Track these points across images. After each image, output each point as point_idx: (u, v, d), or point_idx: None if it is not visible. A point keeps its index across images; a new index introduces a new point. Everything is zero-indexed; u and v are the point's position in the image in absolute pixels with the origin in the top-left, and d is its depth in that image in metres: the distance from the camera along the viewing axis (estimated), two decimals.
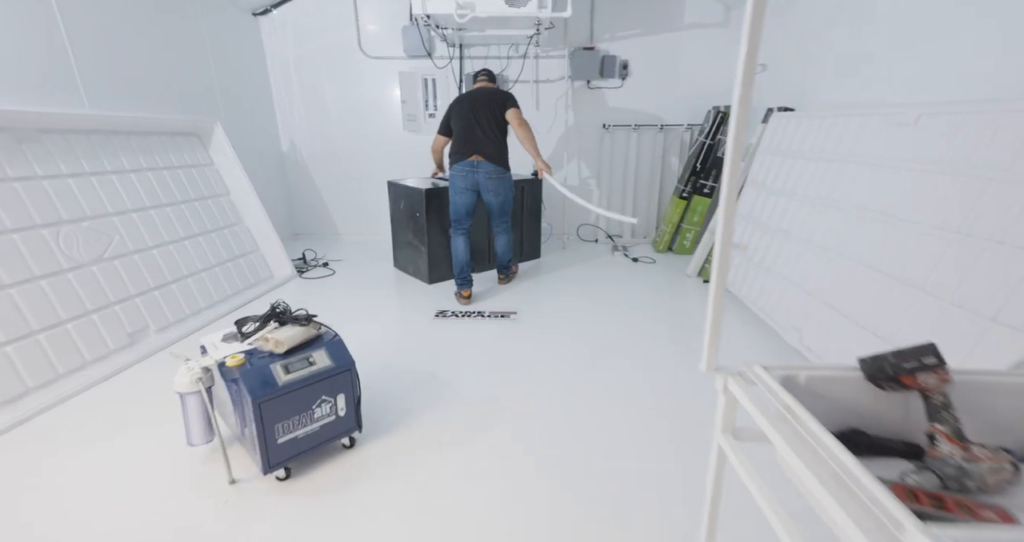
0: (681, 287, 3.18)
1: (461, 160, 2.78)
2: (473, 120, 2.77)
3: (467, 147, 2.77)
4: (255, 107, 3.90)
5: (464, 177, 2.78)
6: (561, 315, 2.72)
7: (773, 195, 2.64)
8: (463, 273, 2.89)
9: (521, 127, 2.73)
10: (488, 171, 2.77)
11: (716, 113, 3.63)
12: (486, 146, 2.76)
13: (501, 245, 3.07)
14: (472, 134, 2.77)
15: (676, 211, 3.87)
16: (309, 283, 3.28)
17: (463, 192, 2.81)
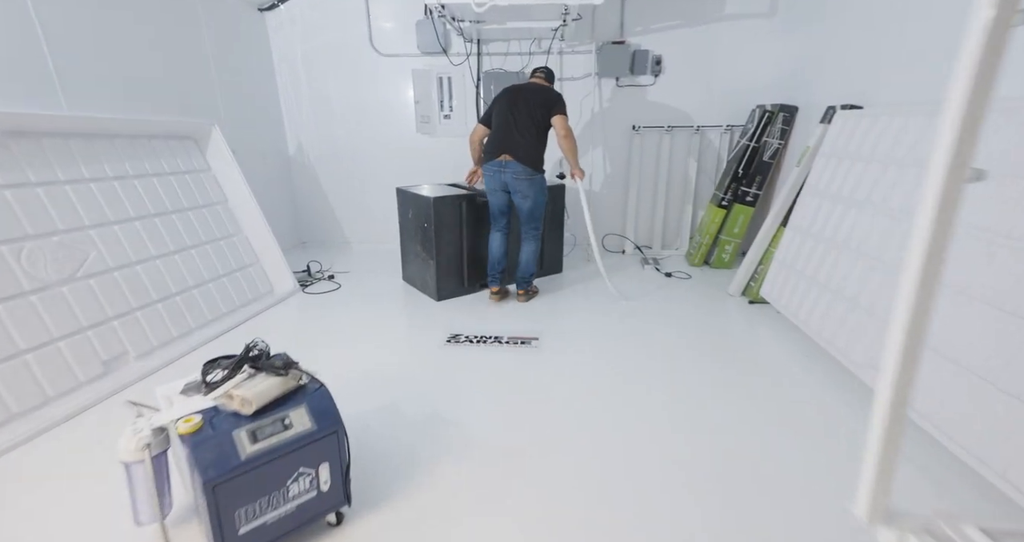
0: (724, 308, 2.82)
1: (491, 159, 2.67)
2: (511, 117, 2.63)
3: (498, 146, 2.65)
4: (260, 108, 3.68)
5: (493, 177, 2.69)
6: (589, 342, 2.39)
7: (840, 205, 2.27)
8: (494, 269, 2.86)
9: (567, 138, 2.61)
10: (516, 172, 2.61)
11: (762, 113, 3.26)
12: (518, 146, 2.61)
13: (525, 254, 2.82)
14: (506, 133, 2.64)
15: (714, 221, 3.50)
16: (311, 299, 3.02)
17: (494, 192, 2.74)
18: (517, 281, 2.90)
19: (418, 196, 2.84)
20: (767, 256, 2.84)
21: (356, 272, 3.57)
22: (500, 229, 2.87)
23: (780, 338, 2.41)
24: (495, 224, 2.86)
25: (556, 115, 2.58)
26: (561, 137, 2.59)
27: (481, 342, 2.37)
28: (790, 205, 2.75)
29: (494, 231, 2.87)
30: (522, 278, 2.88)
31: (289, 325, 2.64)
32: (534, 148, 2.63)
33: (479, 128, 2.82)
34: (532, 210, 2.72)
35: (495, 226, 2.87)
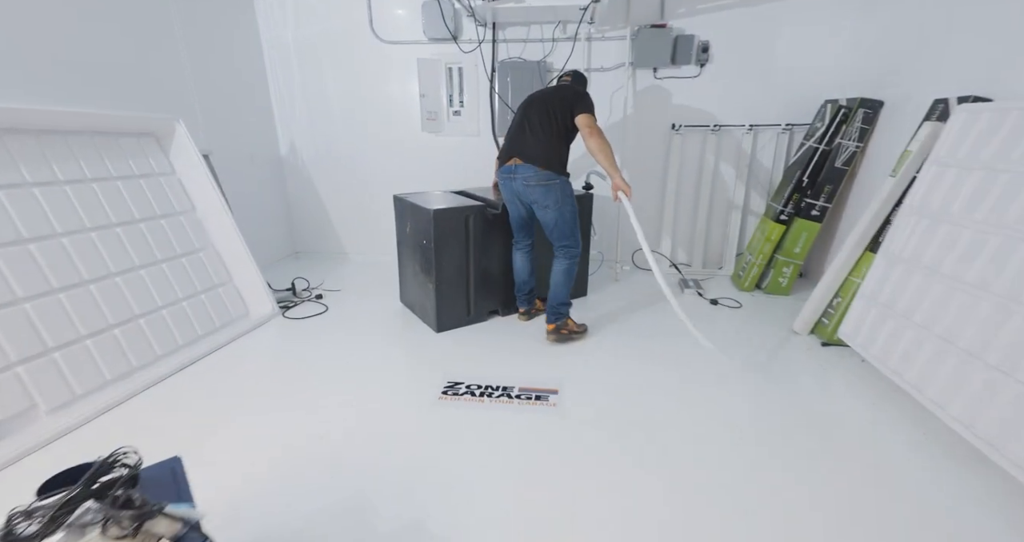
0: (790, 352, 2.26)
1: (501, 165, 2.30)
2: (523, 117, 2.26)
3: (508, 149, 2.28)
4: (246, 103, 3.26)
5: (504, 185, 2.30)
6: (622, 398, 1.87)
7: (958, 227, 1.70)
8: (521, 290, 2.54)
9: (592, 136, 2.09)
10: (526, 176, 2.17)
11: (835, 109, 2.68)
12: (529, 146, 2.19)
13: (554, 275, 2.31)
14: (517, 134, 2.26)
15: (770, 238, 2.93)
16: (291, 326, 2.57)
17: (509, 203, 2.36)
18: (547, 312, 2.35)
19: (417, 207, 2.37)
20: (846, 287, 2.27)
21: (349, 291, 3.11)
22: (521, 248, 2.46)
23: (869, 394, 1.85)
24: (516, 241, 2.47)
25: (579, 114, 2.12)
26: (587, 135, 2.10)
27: (485, 395, 1.87)
28: (880, 225, 2.17)
29: (515, 250, 2.49)
30: (551, 308, 2.32)
31: (251, 365, 2.19)
32: (547, 145, 2.16)
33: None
34: (556, 223, 2.21)
35: (516, 244, 2.48)
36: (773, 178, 3.22)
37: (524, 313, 2.57)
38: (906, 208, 1.97)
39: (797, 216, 2.86)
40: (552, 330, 2.31)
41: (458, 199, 2.52)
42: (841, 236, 2.86)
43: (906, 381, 1.73)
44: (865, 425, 1.71)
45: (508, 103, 3.26)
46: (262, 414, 1.77)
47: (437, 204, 2.32)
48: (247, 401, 1.86)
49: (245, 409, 1.80)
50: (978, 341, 1.52)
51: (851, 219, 2.78)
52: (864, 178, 2.69)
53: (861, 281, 2.18)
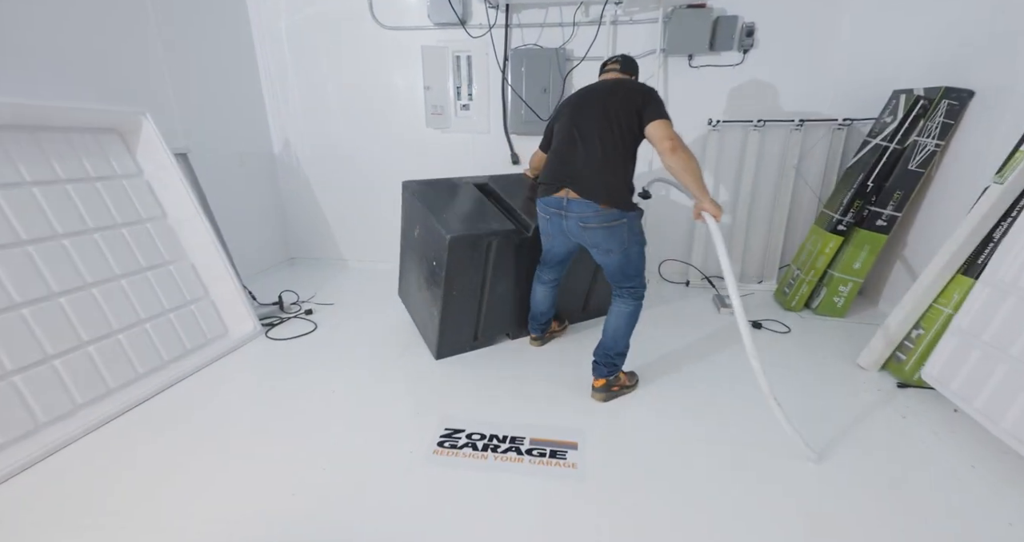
0: (858, 394, 1.87)
1: (547, 193, 1.74)
2: (571, 127, 1.68)
3: (555, 174, 1.71)
4: (233, 96, 2.96)
5: (550, 221, 1.78)
6: (660, 460, 1.51)
7: None
8: (536, 320, 2.19)
9: (676, 153, 1.51)
10: (584, 216, 1.63)
11: (913, 101, 2.26)
12: (585, 173, 1.63)
13: (613, 320, 1.78)
14: (569, 153, 1.69)
15: (824, 251, 2.52)
16: (273, 348, 2.26)
17: (550, 237, 1.88)
18: (595, 363, 1.82)
19: (429, 218, 1.96)
20: (930, 317, 1.87)
21: (343, 304, 2.81)
22: (547, 283, 2.04)
23: (970, 456, 1.46)
24: (542, 272, 2.04)
25: (651, 121, 1.56)
26: (667, 152, 1.52)
27: (489, 448, 1.53)
28: (979, 242, 1.77)
29: (539, 282, 2.06)
30: (605, 359, 1.79)
31: (218, 401, 1.88)
32: (610, 172, 1.61)
33: (537, 155, 2.08)
34: (622, 267, 1.71)
35: (542, 275, 2.04)
36: (826, 181, 2.80)
37: (537, 339, 2.24)
38: (1023, 224, 1.56)
39: (858, 226, 2.45)
40: (601, 386, 1.80)
41: (480, 210, 2.09)
42: (912, 251, 2.44)
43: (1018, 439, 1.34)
44: (960, 486, 1.32)
45: (522, 96, 2.91)
46: (216, 472, 1.46)
47: (455, 224, 1.91)
48: (201, 452, 1.55)
49: (195, 465, 1.49)
50: None
51: (924, 232, 2.37)
52: (944, 183, 2.27)
53: (952, 311, 1.78)
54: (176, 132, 2.48)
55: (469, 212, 2.07)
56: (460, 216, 2.01)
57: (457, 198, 2.17)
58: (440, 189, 2.22)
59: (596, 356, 1.82)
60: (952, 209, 2.19)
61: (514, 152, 3.08)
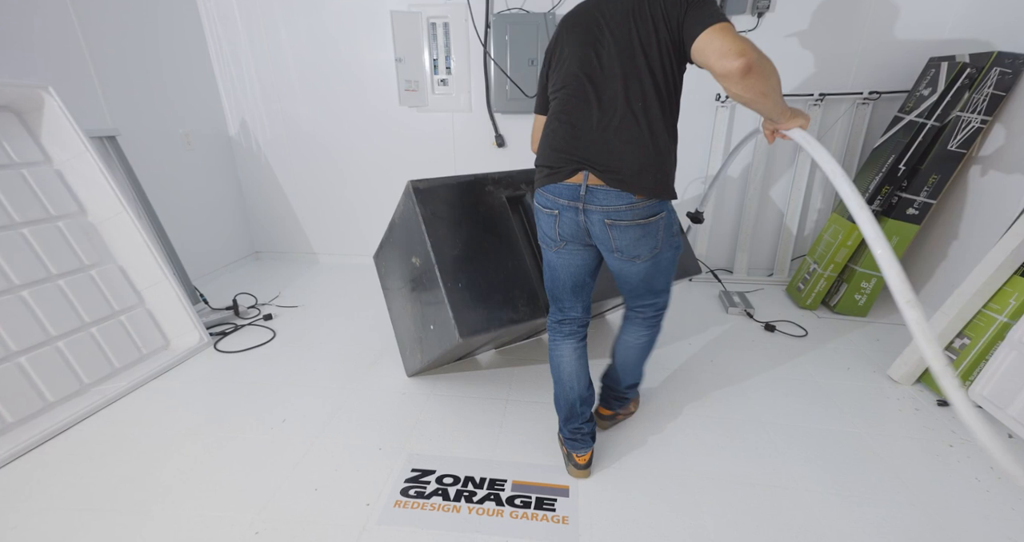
0: (891, 413, 1.61)
1: (552, 180, 1.16)
2: (583, 80, 1.09)
3: (566, 151, 1.13)
4: (176, 70, 2.59)
5: (559, 219, 1.18)
6: (672, 510, 1.25)
7: None
8: (576, 417, 1.32)
9: (749, 76, 0.90)
10: (614, 209, 1.11)
11: (957, 70, 1.95)
12: (611, 149, 1.08)
13: (632, 350, 1.36)
14: (581, 118, 1.10)
15: (845, 243, 2.25)
16: (221, 363, 1.97)
17: (564, 250, 1.23)
18: (604, 394, 1.48)
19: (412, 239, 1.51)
20: (979, 325, 1.61)
21: (309, 306, 2.51)
22: (571, 332, 1.33)
23: None
24: (560, 315, 1.33)
25: (700, 31, 0.95)
26: (738, 75, 0.90)
27: (463, 497, 1.27)
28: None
29: (561, 339, 1.33)
30: (616, 393, 1.44)
31: (144, 431, 1.60)
32: (654, 145, 1.07)
33: (536, 121, 1.33)
34: (648, 279, 1.23)
35: (561, 321, 1.33)
36: (847, 164, 2.51)
37: (585, 463, 1.33)
38: None
39: (886, 215, 2.17)
40: (608, 416, 1.49)
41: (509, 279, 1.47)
42: (948, 244, 2.17)
43: None
44: None
45: (506, 70, 2.56)
46: (123, 536, 1.18)
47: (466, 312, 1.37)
48: (109, 508, 1.27)
49: (97, 525, 1.22)
50: None
51: (964, 222, 2.09)
52: (990, 166, 1.98)
53: (1008, 319, 1.52)
54: (101, 111, 2.13)
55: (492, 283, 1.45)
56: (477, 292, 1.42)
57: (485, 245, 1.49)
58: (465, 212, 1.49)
59: (604, 386, 1.46)
60: (998, 196, 1.92)
61: (499, 133, 2.75)
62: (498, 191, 1.53)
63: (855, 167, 2.47)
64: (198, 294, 2.33)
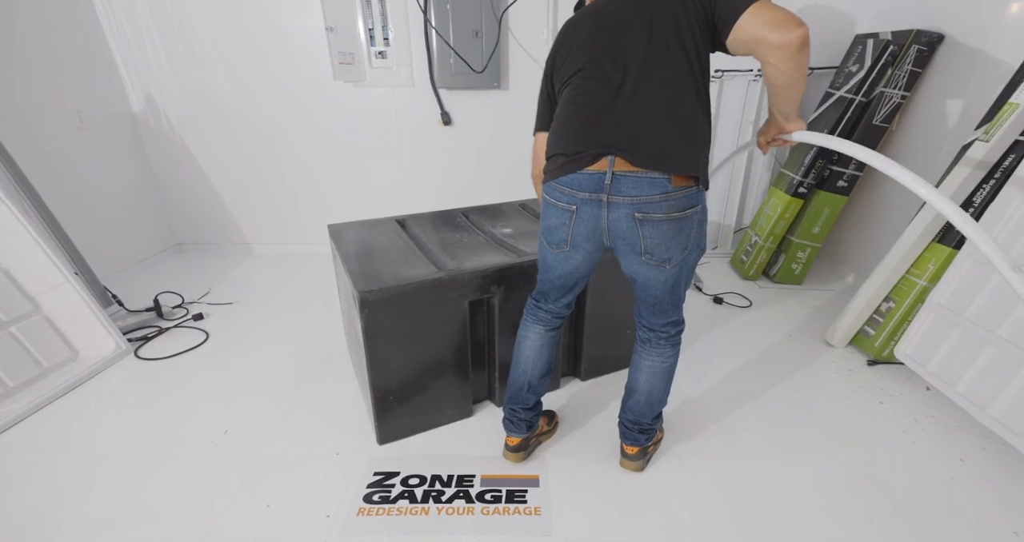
0: (831, 375, 1.74)
1: (570, 170, 1.01)
2: (603, 60, 0.98)
3: (587, 135, 0.99)
4: (53, 34, 2.20)
5: (577, 216, 1.04)
6: (640, 497, 1.27)
7: None
8: (519, 399, 1.28)
9: (804, 50, 0.87)
10: (644, 201, 0.97)
11: (882, 47, 2.05)
12: (642, 127, 0.95)
13: (651, 377, 1.20)
14: (603, 98, 0.97)
15: (784, 216, 2.36)
16: (146, 371, 1.77)
17: (565, 253, 1.11)
18: (625, 432, 1.28)
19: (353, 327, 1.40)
20: (902, 289, 1.74)
21: (245, 302, 2.30)
22: (546, 320, 1.25)
23: (950, 445, 1.36)
24: (539, 307, 1.25)
25: (745, 6, 0.87)
26: (794, 48, 0.86)
27: (431, 497, 1.22)
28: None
29: (533, 322, 1.26)
30: (641, 426, 1.26)
31: (58, 451, 1.41)
32: (690, 120, 0.97)
33: (539, 142, 1.20)
34: (674, 288, 1.10)
35: (537, 311, 1.25)
36: None
37: (519, 446, 1.31)
38: (1015, 187, 1.41)
39: (819, 188, 2.30)
40: (635, 454, 1.28)
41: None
42: (871, 213, 2.33)
43: (1006, 427, 1.24)
44: (965, 501, 1.21)
45: (449, 41, 2.40)
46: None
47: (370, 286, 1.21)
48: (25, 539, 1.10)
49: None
50: None
51: (885, 192, 2.25)
52: (907, 140, 2.13)
53: (927, 283, 1.66)
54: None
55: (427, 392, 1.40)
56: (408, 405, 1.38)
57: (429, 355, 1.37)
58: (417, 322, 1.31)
59: (626, 422, 1.27)
60: (914, 168, 2.05)
61: (444, 110, 2.60)
62: (462, 296, 1.32)
63: None
64: (110, 295, 2.06)
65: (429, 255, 1.42)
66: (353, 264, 1.34)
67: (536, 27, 2.43)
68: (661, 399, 1.23)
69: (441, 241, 1.54)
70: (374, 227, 1.65)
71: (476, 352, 1.46)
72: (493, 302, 1.39)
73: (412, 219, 1.72)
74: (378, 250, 1.45)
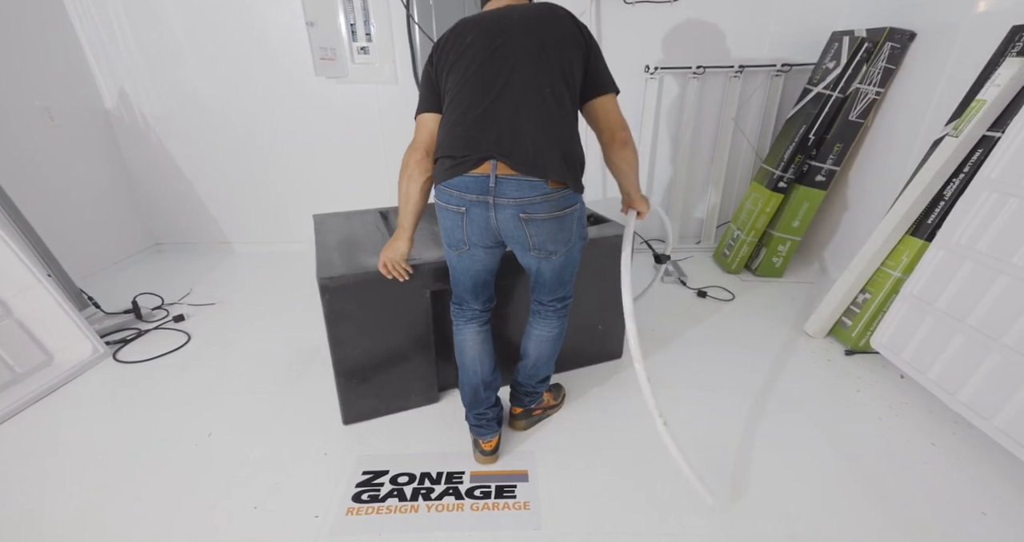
0: (807, 365, 1.78)
1: (457, 172, 1.06)
2: (496, 66, 1.04)
3: (474, 138, 1.04)
4: (25, 28, 2.13)
5: (467, 217, 1.09)
6: (628, 483, 1.30)
7: None
8: (480, 402, 1.30)
9: (627, 147, 1.15)
10: (526, 202, 1.04)
11: (857, 44, 2.09)
12: (526, 134, 1.02)
13: (538, 346, 1.32)
14: (493, 103, 1.04)
15: (764, 210, 2.41)
16: (125, 374, 1.73)
17: (467, 253, 1.16)
18: (513, 394, 1.42)
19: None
20: (877, 281, 1.80)
21: (228, 302, 2.27)
22: (476, 321, 1.30)
23: (922, 429, 1.42)
24: (462, 311, 1.30)
25: (605, 91, 1.10)
26: (621, 145, 1.13)
27: (420, 495, 1.22)
28: (929, 201, 1.68)
29: (464, 324, 1.30)
30: (527, 388, 1.38)
31: (36, 457, 1.38)
32: (568, 132, 1.07)
33: (424, 121, 1.17)
34: (560, 273, 1.21)
35: (464, 312, 1.30)
36: (763, 133, 2.66)
37: (493, 449, 1.32)
38: (981, 182, 1.46)
39: (798, 183, 2.34)
40: (520, 414, 1.42)
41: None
42: (848, 207, 2.39)
43: (994, 427, 1.29)
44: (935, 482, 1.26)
45: (433, 38, 2.38)
46: None
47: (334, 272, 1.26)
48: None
49: None
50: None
51: (861, 187, 2.30)
52: (882, 135, 2.19)
53: (901, 274, 1.71)
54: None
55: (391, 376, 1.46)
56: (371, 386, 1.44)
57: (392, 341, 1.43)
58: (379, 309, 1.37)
59: (516, 389, 1.40)
60: (888, 162, 2.13)
61: None
62: (424, 286, 1.36)
63: (770, 136, 2.62)
64: (86, 297, 2.01)
65: None
66: (323, 253, 1.40)
67: None
68: (548, 365, 1.36)
69: (417, 233, 1.52)
70: (356, 218, 1.71)
71: (446, 342, 1.45)
72: None
73: (395, 211, 1.76)
74: (352, 240, 1.50)
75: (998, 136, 1.47)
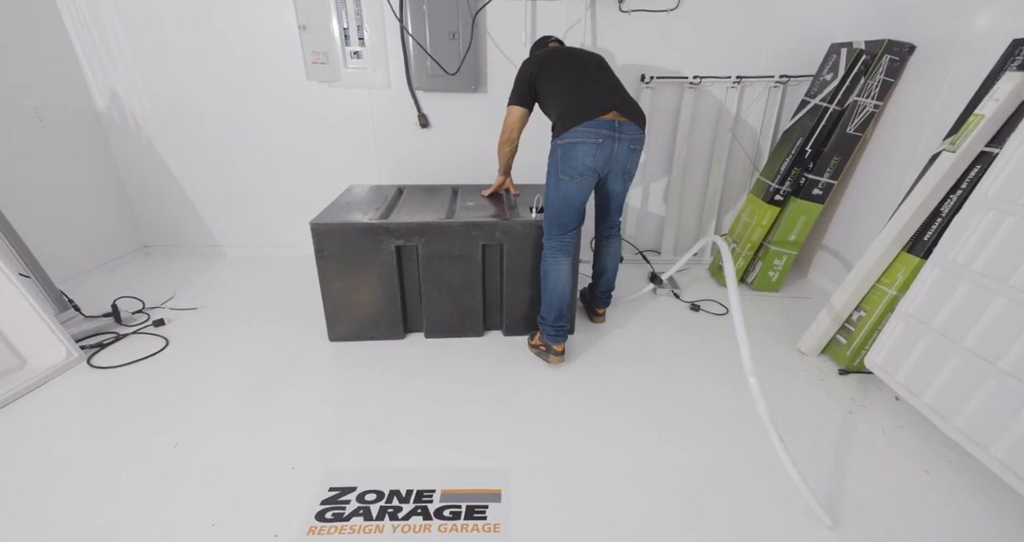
0: (802, 385, 1.73)
1: (592, 116, 1.56)
2: (582, 67, 1.72)
3: (598, 99, 1.61)
4: (14, 25, 2.12)
5: (600, 147, 1.58)
6: (608, 507, 1.24)
7: None
8: (563, 316, 1.77)
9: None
10: (636, 138, 1.65)
11: (855, 56, 2.06)
12: (625, 98, 1.67)
13: (613, 259, 2.01)
14: (598, 83, 1.68)
15: (760, 223, 2.36)
16: (99, 380, 1.69)
17: (583, 181, 1.63)
18: (600, 296, 2.07)
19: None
20: (872, 299, 1.74)
21: (212, 307, 2.23)
22: (571, 251, 1.74)
23: (916, 456, 1.35)
24: (565, 241, 1.72)
25: None
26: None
27: (387, 514, 1.17)
28: (926, 218, 1.63)
29: (563, 256, 1.73)
30: (608, 290, 2.07)
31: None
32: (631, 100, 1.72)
33: (514, 112, 1.77)
34: (625, 194, 1.88)
35: (565, 245, 1.72)
36: (761, 146, 2.62)
37: (562, 350, 1.79)
38: (978, 199, 1.41)
39: (795, 196, 2.30)
40: (602, 313, 2.12)
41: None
42: (844, 221, 2.34)
43: (991, 456, 1.23)
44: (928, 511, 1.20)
45: (426, 43, 2.37)
46: None
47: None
48: None
49: None
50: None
51: (858, 201, 2.26)
52: (879, 149, 2.14)
53: (897, 292, 1.66)
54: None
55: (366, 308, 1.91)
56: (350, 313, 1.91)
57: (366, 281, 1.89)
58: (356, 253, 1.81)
59: (599, 292, 2.06)
60: (886, 177, 2.08)
61: (422, 113, 2.56)
62: (389, 241, 1.75)
63: (768, 148, 2.58)
64: (66, 300, 1.97)
65: (387, 210, 1.88)
66: (330, 208, 1.88)
67: (515, 32, 2.40)
68: (615, 273, 2.03)
69: (412, 203, 2.01)
70: (378, 190, 2.22)
71: (412, 290, 1.88)
72: (419, 250, 1.78)
73: (410, 188, 2.30)
74: (360, 202, 1.98)
75: (996, 152, 1.43)
